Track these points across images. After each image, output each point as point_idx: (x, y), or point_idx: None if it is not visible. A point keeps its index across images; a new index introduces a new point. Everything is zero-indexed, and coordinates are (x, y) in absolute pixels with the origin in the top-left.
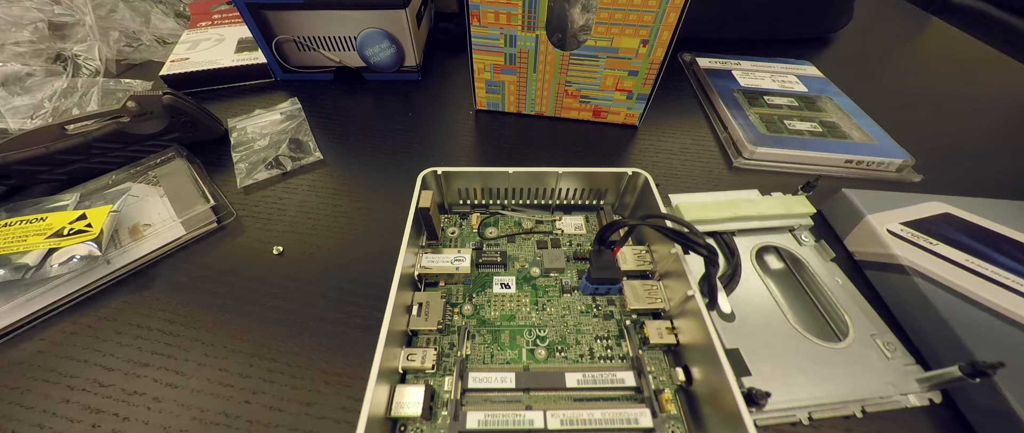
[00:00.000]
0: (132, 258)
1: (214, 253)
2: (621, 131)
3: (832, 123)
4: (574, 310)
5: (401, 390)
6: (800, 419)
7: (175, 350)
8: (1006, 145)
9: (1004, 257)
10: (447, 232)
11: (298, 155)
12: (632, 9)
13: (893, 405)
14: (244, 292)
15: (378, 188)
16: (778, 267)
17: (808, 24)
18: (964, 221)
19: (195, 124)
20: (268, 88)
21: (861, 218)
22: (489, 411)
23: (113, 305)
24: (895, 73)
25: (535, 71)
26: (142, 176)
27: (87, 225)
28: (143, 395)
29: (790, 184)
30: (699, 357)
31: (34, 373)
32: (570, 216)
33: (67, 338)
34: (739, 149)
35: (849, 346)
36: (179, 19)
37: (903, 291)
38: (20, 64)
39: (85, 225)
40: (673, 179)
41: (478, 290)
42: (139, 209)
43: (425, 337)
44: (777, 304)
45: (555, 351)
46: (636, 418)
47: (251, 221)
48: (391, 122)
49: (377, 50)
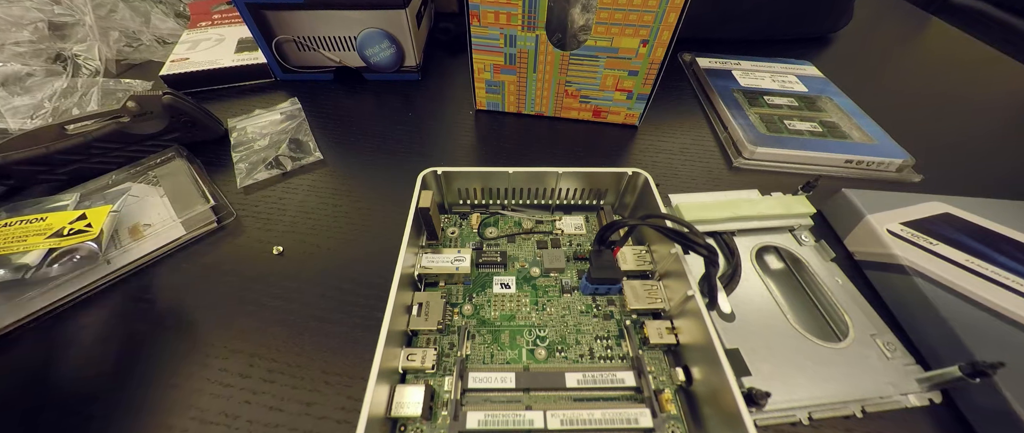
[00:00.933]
0: (132, 258)
1: (214, 253)
2: (621, 131)
3: (832, 123)
4: (574, 310)
5: (401, 390)
6: (800, 419)
7: (175, 350)
8: (1006, 145)
9: (1004, 257)
10: (447, 232)
11: (298, 155)
12: (632, 9)
13: (893, 405)
14: (244, 292)
15: (378, 188)
16: (778, 267)
17: (808, 24)
18: (964, 221)
19: (195, 124)
20: (268, 88)
21: (861, 218)
22: (489, 411)
23: (113, 305)
24: (895, 73)
25: (535, 71)
26: (142, 176)
27: (87, 225)
28: (143, 395)
29: (790, 184)
30: (699, 357)
31: (34, 373)
32: (570, 216)
33: (67, 338)
34: (739, 149)
35: (849, 346)
36: (179, 19)
37: (903, 291)
38: (20, 64)
39: (85, 225)
40: (673, 179)
41: (478, 290)
42: (139, 209)
43: (425, 337)
44: (777, 304)
45: (555, 351)
46: (636, 418)
47: (251, 221)
48: (391, 122)
49: (377, 50)
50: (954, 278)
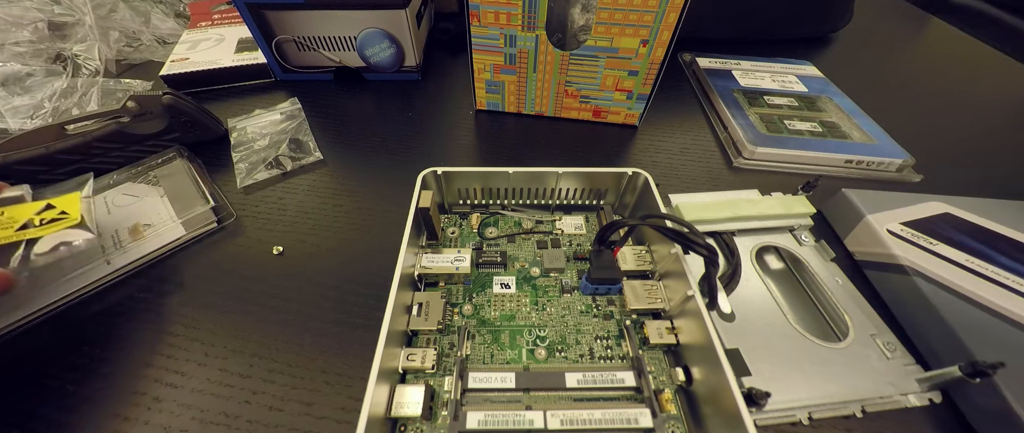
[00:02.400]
0: (132, 258)
1: (214, 253)
2: (621, 131)
3: (832, 123)
4: (574, 310)
5: (401, 390)
6: (800, 419)
7: (175, 350)
8: (1006, 145)
9: (1004, 257)
10: (447, 232)
11: (298, 155)
12: (632, 9)
13: (893, 405)
14: (244, 292)
15: (378, 188)
16: (778, 267)
17: (808, 24)
18: (964, 221)
19: (195, 124)
20: (268, 88)
21: (861, 218)
22: (489, 411)
23: (113, 305)
24: (895, 73)
25: (535, 71)
26: (142, 176)
27: (61, 213)
28: (143, 395)
29: (790, 184)
30: (699, 357)
31: (34, 373)
32: (570, 216)
33: (67, 338)
34: (739, 149)
35: (849, 346)
36: (179, 19)
37: (903, 291)
38: (20, 64)
39: (58, 213)
40: (673, 179)
41: (478, 290)
42: (139, 209)
43: (425, 337)
44: (777, 304)
45: (555, 351)
46: (636, 418)
47: (251, 221)
48: (391, 122)
49: (377, 50)
50: (954, 278)
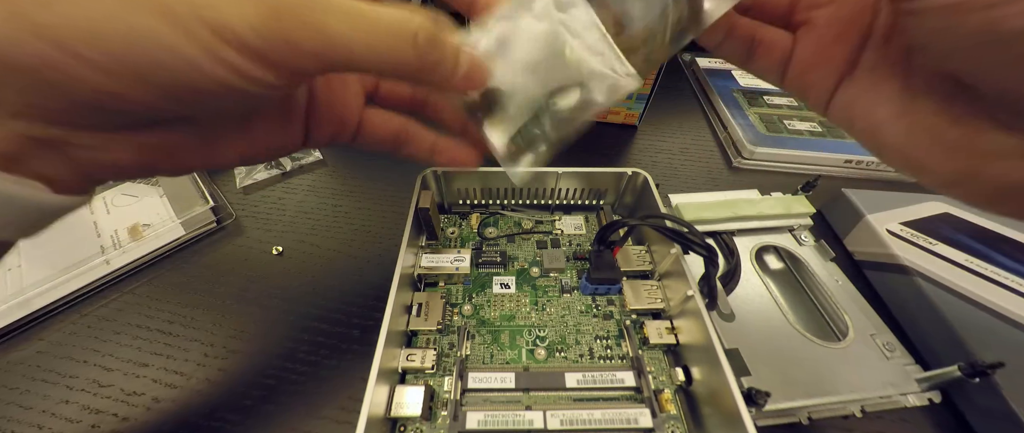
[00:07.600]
0: (131, 258)
1: (214, 253)
2: (621, 131)
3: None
4: (574, 310)
5: (401, 390)
6: (800, 419)
7: (175, 350)
8: None
9: (1004, 257)
10: (447, 232)
11: (298, 155)
12: None
13: (893, 405)
14: (244, 292)
15: (378, 188)
16: (778, 267)
17: None
18: (964, 221)
19: None
20: None
21: (861, 218)
22: (489, 411)
23: (113, 305)
24: None
25: None
26: None
27: None
28: (143, 395)
29: (790, 184)
30: (699, 357)
31: (34, 373)
32: (570, 216)
33: (66, 338)
34: (739, 149)
35: (849, 346)
36: None
37: (903, 291)
38: None
39: None
40: (673, 179)
41: (478, 290)
42: (138, 209)
43: (425, 337)
44: (777, 304)
45: (555, 351)
46: (636, 418)
47: (251, 221)
48: None
49: None
50: (954, 278)
